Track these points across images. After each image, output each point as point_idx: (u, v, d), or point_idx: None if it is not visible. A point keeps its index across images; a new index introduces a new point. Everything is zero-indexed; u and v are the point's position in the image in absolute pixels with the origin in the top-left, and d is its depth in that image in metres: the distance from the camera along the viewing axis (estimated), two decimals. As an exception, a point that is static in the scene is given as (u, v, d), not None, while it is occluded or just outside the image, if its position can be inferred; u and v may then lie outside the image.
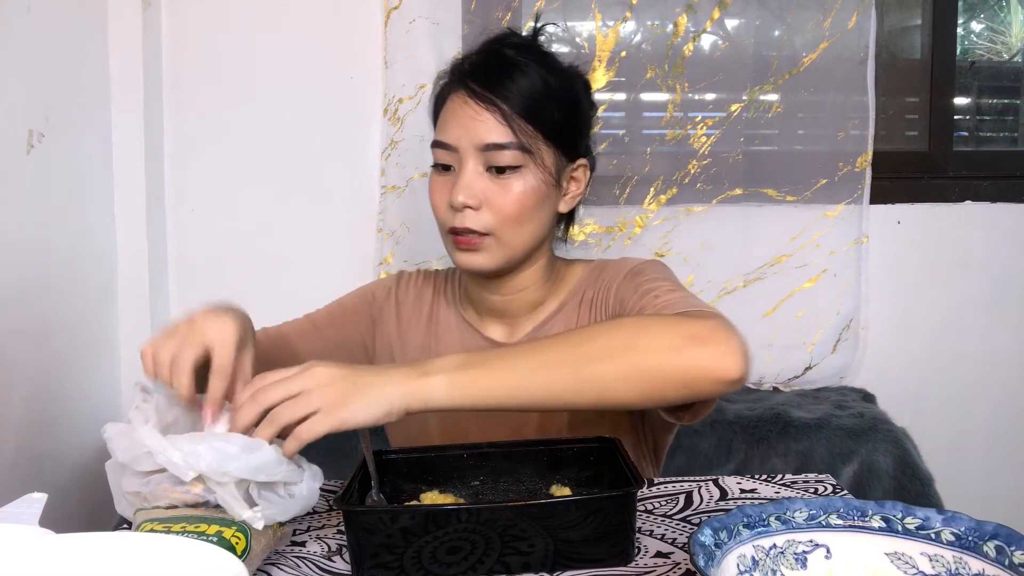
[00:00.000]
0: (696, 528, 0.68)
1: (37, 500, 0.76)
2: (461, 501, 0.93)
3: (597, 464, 0.95)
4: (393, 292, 1.21)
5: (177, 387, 0.85)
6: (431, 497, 0.93)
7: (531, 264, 1.10)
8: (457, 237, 1.04)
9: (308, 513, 0.96)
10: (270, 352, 1.11)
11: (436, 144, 1.07)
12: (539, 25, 1.12)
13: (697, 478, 1.05)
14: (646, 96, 1.86)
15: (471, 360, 0.85)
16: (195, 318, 0.89)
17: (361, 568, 0.80)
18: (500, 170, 1.03)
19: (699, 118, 1.85)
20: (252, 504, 0.80)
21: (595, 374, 0.84)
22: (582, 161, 1.10)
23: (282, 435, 0.82)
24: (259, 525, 0.79)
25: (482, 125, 1.02)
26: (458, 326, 1.16)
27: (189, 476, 0.78)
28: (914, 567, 0.70)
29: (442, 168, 1.06)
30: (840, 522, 0.72)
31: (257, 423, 0.81)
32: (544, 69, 1.05)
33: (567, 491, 0.94)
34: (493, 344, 1.13)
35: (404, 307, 1.20)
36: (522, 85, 1.03)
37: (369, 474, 0.90)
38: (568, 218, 1.15)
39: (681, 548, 0.85)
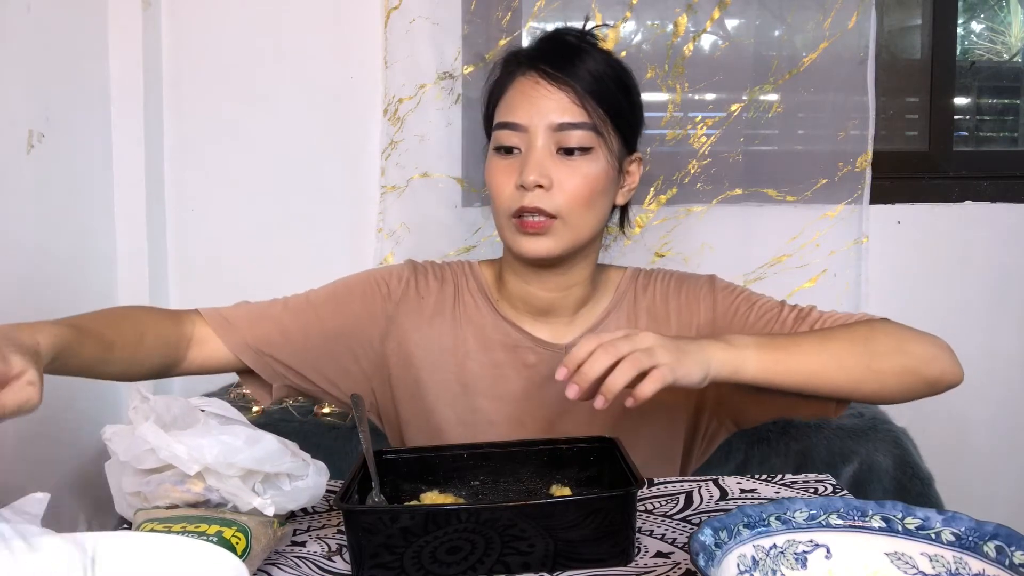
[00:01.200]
0: (696, 528, 0.68)
1: (40, 500, 0.76)
2: (461, 501, 0.93)
3: (597, 464, 0.95)
4: (412, 285, 1.14)
5: None
6: (431, 497, 0.93)
7: (584, 258, 1.09)
8: (523, 220, 1.02)
9: (308, 513, 0.96)
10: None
11: (502, 125, 1.05)
12: (593, 26, 1.12)
13: (697, 478, 1.05)
14: (646, 96, 1.84)
15: (771, 343, 0.94)
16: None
17: (361, 568, 0.80)
18: (570, 151, 1.02)
19: (699, 118, 1.85)
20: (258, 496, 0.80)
21: (878, 369, 0.96)
22: (638, 154, 1.12)
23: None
24: (270, 512, 0.79)
25: (555, 104, 1.02)
26: (495, 324, 1.12)
27: (194, 469, 0.78)
28: (914, 567, 0.70)
29: (504, 151, 1.05)
30: (840, 522, 0.72)
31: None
32: (605, 55, 1.07)
33: (567, 491, 0.94)
34: (541, 344, 1.10)
35: (427, 302, 1.13)
36: (592, 67, 1.04)
37: (369, 474, 0.90)
38: (623, 212, 1.16)
39: (681, 548, 0.85)
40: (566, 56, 1.04)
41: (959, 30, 2.00)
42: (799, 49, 1.84)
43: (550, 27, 1.86)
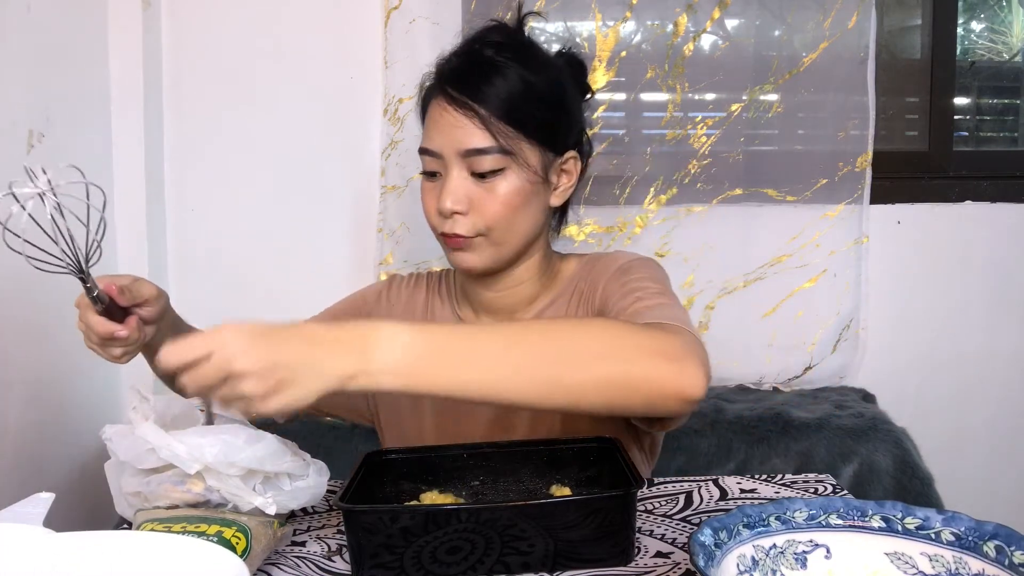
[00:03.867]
0: (696, 528, 0.68)
1: (44, 500, 0.76)
2: (461, 501, 0.93)
3: (597, 464, 0.95)
4: (384, 295, 1.22)
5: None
6: (431, 497, 0.93)
7: (525, 260, 1.11)
8: (448, 238, 1.06)
9: (308, 513, 0.96)
10: None
11: (421, 151, 1.08)
12: (523, 14, 1.11)
13: (697, 478, 1.05)
14: (646, 96, 1.86)
15: (430, 345, 0.77)
16: None
17: (361, 568, 0.80)
18: (483, 174, 1.03)
19: (699, 118, 1.85)
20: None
21: (567, 381, 0.80)
22: (571, 153, 1.10)
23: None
24: (271, 510, 0.79)
25: (461, 131, 1.03)
26: (461, 319, 1.17)
27: (195, 468, 0.78)
28: (914, 567, 0.70)
29: (430, 174, 1.07)
30: (840, 522, 0.72)
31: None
32: (524, 67, 1.05)
33: (567, 491, 0.94)
34: None
35: (395, 309, 1.20)
36: (500, 87, 1.03)
37: (372, 473, 0.90)
38: (562, 211, 1.15)
39: (681, 548, 0.85)
40: (474, 78, 1.04)
41: (959, 30, 2.00)
42: (799, 49, 1.84)
43: (550, 27, 1.87)
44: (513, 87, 1.03)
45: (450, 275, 1.22)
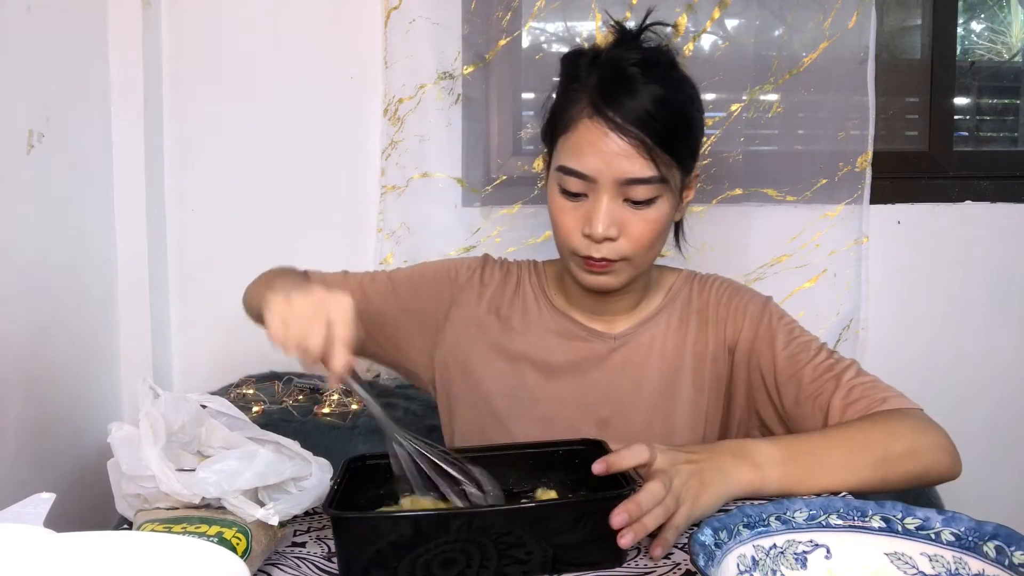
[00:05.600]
0: (696, 528, 0.68)
1: (45, 500, 0.76)
2: (442, 506, 0.89)
3: (584, 466, 0.94)
4: (478, 274, 1.24)
5: (332, 368, 0.87)
6: (411, 501, 0.90)
7: (644, 274, 1.15)
8: (588, 261, 1.06)
9: (308, 513, 0.96)
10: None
11: (568, 171, 1.05)
12: (645, 24, 1.10)
13: (697, 478, 1.05)
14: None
15: (795, 459, 0.96)
16: (313, 290, 0.89)
17: (351, 570, 0.79)
18: (637, 203, 1.04)
19: (699, 118, 1.85)
20: (261, 504, 0.80)
21: (889, 477, 0.98)
22: (696, 171, 1.12)
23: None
24: (274, 521, 0.79)
25: (625, 160, 1.01)
26: (551, 314, 1.20)
27: (197, 502, 0.79)
28: (914, 567, 0.70)
29: (571, 195, 1.06)
30: (840, 522, 0.73)
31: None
32: (670, 87, 1.04)
33: (552, 494, 0.93)
34: (590, 332, 1.17)
35: (488, 289, 1.23)
36: (660, 114, 1.02)
37: (359, 476, 0.90)
38: (677, 227, 1.19)
39: (681, 548, 0.85)
40: (633, 100, 1.01)
41: (959, 30, 2.00)
42: (799, 49, 1.84)
43: (551, 27, 1.87)
44: (671, 112, 1.03)
45: (540, 268, 1.24)
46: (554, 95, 1.12)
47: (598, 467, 0.85)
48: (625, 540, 0.80)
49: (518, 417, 1.17)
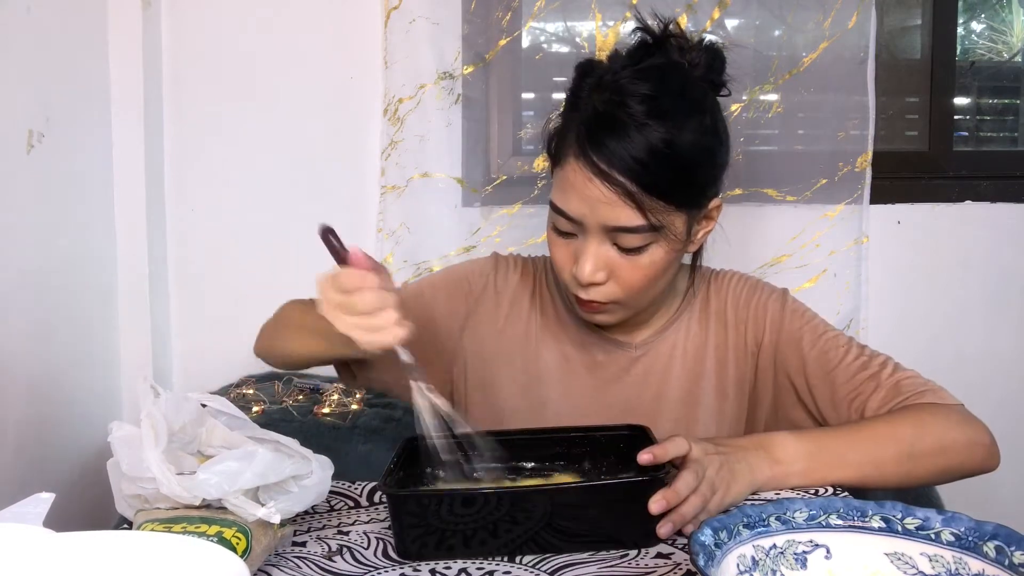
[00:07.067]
0: (696, 528, 0.68)
1: (44, 500, 0.76)
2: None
3: (627, 451, 0.95)
4: (492, 281, 1.17)
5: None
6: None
7: (655, 303, 1.11)
8: (579, 300, 1.03)
9: (308, 513, 0.95)
10: None
11: (557, 210, 1.00)
12: (667, 33, 1.02)
13: (697, 478, 1.05)
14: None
15: (819, 455, 0.96)
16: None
17: (405, 543, 0.82)
18: (626, 250, 0.98)
19: (699, 118, 1.85)
20: (262, 504, 0.80)
21: (916, 473, 0.99)
22: (716, 202, 1.04)
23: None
24: (276, 519, 0.79)
25: (608, 208, 0.95)
26: (568, 320, 1.15)
27: (197, 503, 0.79)
28: (914, 567, 0.70)
29: (563, 233, 1.02)
30: (840, 522, 0.72)
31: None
32: (675, 124, 0.94)
33: (568, 477, 0.95)
34: (611, 342, 1.14)
35: (504, 296, 1.16)
36: (654, 161, 0.93)
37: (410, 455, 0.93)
38: (694, 257, 1.14)
39: (681, 548, 0.85)
40: (620, 142, 0.93)
41: (959, 30, 2.00)
42: (799, 49, 1.84)
43: (550, 27, 1.87)
44: (671, 157, 0.94)
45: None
46: (560, 109, 1.06)
47: (644, 457, 0.86)
48: (664, 530, 0.83)
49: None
